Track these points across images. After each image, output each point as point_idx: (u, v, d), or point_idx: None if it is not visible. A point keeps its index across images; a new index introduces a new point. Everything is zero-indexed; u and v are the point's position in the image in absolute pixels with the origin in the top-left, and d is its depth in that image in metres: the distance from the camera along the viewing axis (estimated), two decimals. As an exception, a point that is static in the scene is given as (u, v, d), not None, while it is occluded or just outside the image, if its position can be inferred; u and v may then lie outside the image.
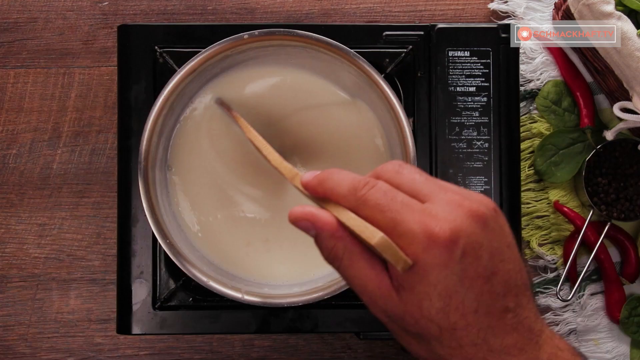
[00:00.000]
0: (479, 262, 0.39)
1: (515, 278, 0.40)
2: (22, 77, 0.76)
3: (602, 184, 0.74)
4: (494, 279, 0.39)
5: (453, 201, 0.39)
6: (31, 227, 0.76)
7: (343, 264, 0.41)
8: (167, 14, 0.77)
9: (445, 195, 0.40)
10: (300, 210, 0.42)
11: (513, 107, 0.68)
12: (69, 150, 0.76)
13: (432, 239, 0.38)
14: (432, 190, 0.40)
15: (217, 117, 0.66)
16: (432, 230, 0.38)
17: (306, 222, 0.41)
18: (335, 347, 0.75)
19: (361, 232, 0.39)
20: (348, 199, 0.40)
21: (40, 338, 0.75)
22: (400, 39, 0.67)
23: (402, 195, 0.39)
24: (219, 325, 0.65)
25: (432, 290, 0.38)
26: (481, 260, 0.39)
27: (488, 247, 0.39)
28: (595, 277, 0.76)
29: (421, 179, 0.41)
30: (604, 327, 0.76)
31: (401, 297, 0.40)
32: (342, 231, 0.41)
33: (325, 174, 0.42)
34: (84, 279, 0.75)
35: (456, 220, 0.38)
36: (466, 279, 0.38)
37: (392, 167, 0.42)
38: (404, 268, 0.39)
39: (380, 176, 0.41)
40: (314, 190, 0.42)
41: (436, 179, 0.42)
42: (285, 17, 0.77)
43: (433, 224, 0.38)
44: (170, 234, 0.62)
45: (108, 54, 0.76)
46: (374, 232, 0.38)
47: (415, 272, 0.38)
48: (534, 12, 0.77)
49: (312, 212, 0.41)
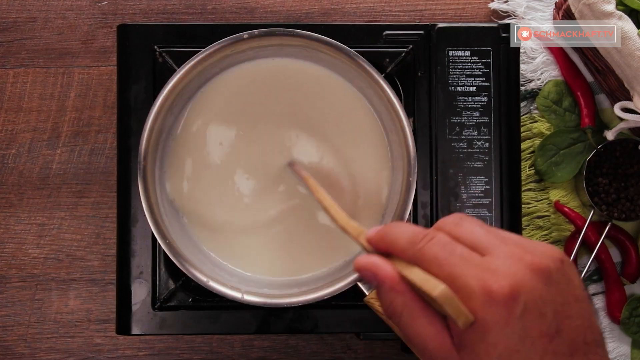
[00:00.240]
0: (542, 319, 0.37)
1: (583, 335, 0.38)
2: (21, 77, 0.76)
3: (602, 184, 0.74)
4: (558, 338, 0.37)
5: (514, 254, 0.38)
6: (30, 227, 0.76)
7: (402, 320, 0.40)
8: (167, 13, 0.77)
9: (506, 248, 0.38)
10: (365, 260, 0.41)
11: (513, 107, 0.68)
12: (69, 150, 0.76)
13: (490, 295, 0.36)
14: (493, 243, 0.39)
15: (218, 118, 0.66)
16: (491, 286, 0.36)
17: (369, 272, 0.41)
18: (335, 347, 0.75)
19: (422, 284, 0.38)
20: (407, 252, 0.40)
21: (40, 338, 0.75)
22: (401, 38, 0.67)
23: (461, 248, 0.38)
24: (219, 326, 0.65)
25: (492, 350, 0.37)
26: (544, 318, 0.37)
27: (552, 303, 0.37)
28: (596, 278, 0.76)
29: (481, 231, 0.40)
30: (604, 328, 0.75)
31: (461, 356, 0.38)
32: (403, 285, 0.40)
33: (387, 228, 0.42)
34: (84, 279, 0.75)
35: (516, 275, 0.37)
36: (528, 338, 0.36)
37: (452, 220, 0.41)
38: (465, 324, 0.37)
39: (441, 228, 0.40)
40: (377, 245, 0.42)
41: (498, 230, 0.41)
42: (285, 17, 0.77)
43: (492, 279, 0.36)
44: (170, 234, 0.62)
45: (107, 53, 0.76)
46: (436, 284, 0.37)
47: (475, 330, 0.37)
48: (535, 11, 0.77)
49: (375, 263, 0.41)
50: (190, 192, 0.66)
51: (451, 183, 0.67)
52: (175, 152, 0.66)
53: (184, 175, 0.66)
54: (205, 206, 0.66)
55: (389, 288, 0.40)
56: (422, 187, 0.66)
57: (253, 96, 0.66)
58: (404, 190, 0.62)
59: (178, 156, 0.66)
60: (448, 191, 0.67)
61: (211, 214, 0.66)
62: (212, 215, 0.66)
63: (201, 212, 0.66)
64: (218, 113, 0.66)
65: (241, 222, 0.66)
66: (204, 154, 0.66)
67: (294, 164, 0.65)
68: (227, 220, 0.66)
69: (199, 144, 0.66)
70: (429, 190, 0.67)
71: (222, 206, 0.66)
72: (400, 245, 0.40)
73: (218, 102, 0.66)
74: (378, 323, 0.63)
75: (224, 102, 0.66)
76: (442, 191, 0.67)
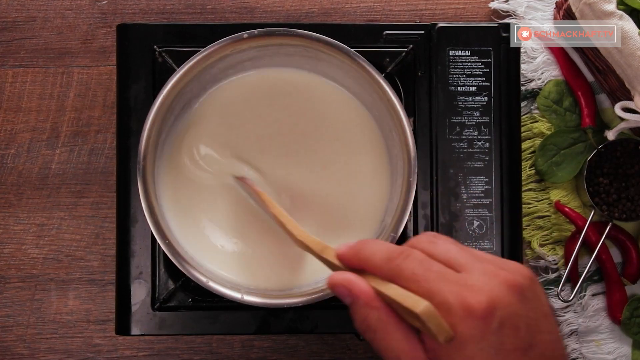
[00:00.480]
0: (517, 333, 0.38)
1: (552, 349, 0.39)
2: (20, 77, 0.76)
3: (603, 184, 0.74)
4: (531, 352, 0.38)
5: (489, 271, 0.39)
6: (30, 227, 0.75)
7: (377, 335, 0.40)
8: (167, 13, 0.76)
9: (480, 265, 0.39)
10: (339, 277, 0.42)
11: (514, 107, 0.68)
12: (68, 150, 0.76)
13: (468, 310, 0.37)
14: (467, 260, 0.40)
15: (220, 119, 0.66)
16: (469, 301, 0.37)
17: (343, 288, 0.41)
18: (335, 347, 0.75)
19: (403, 300, 0.38)
20: (383, 268, 0.40)
21: (39, 339, 0.75)
22: (401, 38, 0.67)
23: (438, 265, 0.39)
24: (219, 326, 0.65)
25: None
26: (519, 332, 0.38)
27: (525, 317, 0.38)
28: (596, 278, 0.76)
29: (455, 248, 0.41)
30: (605, 328, 0.75)
31: None
32: (377, 301, 0.40)
33: (360, 244, 0.42)
34: (83, 280, 0.75)
35: (492, 291, 0.38)
36: (503, 352, 0.38)
37: (426, 238, 0.42)
38: (446, 339, 0.38)
39: (415, 246, 0.41)
40: (349, 261, 0.43)
41: (470, 249, 0.42)
42: (285, 17, 0.77)
43: (469, 295, 0.37)
44: (170, 234, 0.62)
45: (107, 53, 0.76)
46: (418, 301, 0.38)
47: (452, 344, 0.38)
48: (535, 11, 0.77)
49: (350, 280, 0.41)
50: (185, 197, 0.66)
51: (451, 183, 0.66)
52: (174, 153, 0.66)
53: (180, 179, 0.66)
54: (199, 213, 0.66)
55: (364, 304, 0.40)
56: (422, 187, 0.66)
57: (249, 108, 0.66)
58: (404, 190, 0.62)
59: (177, 157, 0.66)
60: (448, 191, 0.66)
61: (204, 221, 0.66)
62: (205, 224, 0.66)
63: (194, 219, 0.66)
64: (214, 126, 0.66)
65: (239, 229, 0.66)
66: (201, 159, 0.66)
67: (244, 179, 0.64)
68: (224, 226, 0.66)
69: (198, 144, 0.66)
70: (429, 191, 0.66)
71: (215, 213, 0.66)
72: (376, 262, 0.40)
73: (214, 115, 0.66)
74: None
75: (220, 116, 0.66)
76: (443, 191, 0.66)
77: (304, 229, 0.54)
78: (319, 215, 0.66)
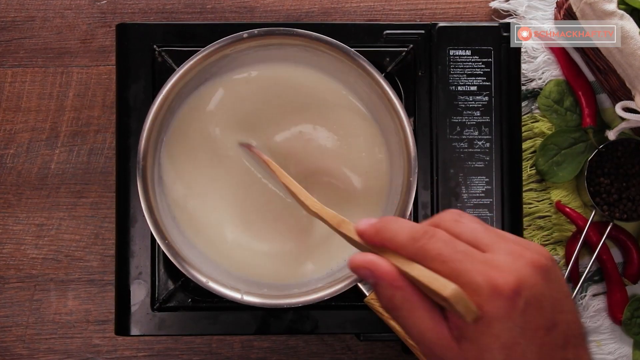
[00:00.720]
0: (542, 313, 0.39)
1: (573, 329, 0.40)
2: (19, 77, 0.76)
3: (604, 184, 0.74)
4: (554, 331, 0.39)
5: (514, 251, 0.39)
6: (29, 227, 0.75)
7: (402, 313, 0.41)
8: (166, 12, 0.76)
9: (506, 245, 0.40)
10: (360, 258, 0.41)
11: (514, 107, 0.68)
12: (67, 150, 0.76)
13: (496, 290, 0.37)
14: (493, 240, 0.40)
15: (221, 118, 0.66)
16: (496, 281, 0.37)
17: (366, 270, 0.41)
18: (335, 348, 0.75)
19: (430, 283, 0.38)
20: (407, 248, 0.40)
21: (38, 339, 0.75)
22: (401, 37, 0.67)
23: (464, 245, 0.39)
24: (218, 326, 0.65)
25: (494, 342, 0.38)
26: (543, 312, 0.39)
27: (549, 297, 0.39)
28: (597, 278, 0.76)
29: (481, 228, 0.41)
30: (606, 329, 0.75)
31: (461, 347, 0.39)
32: (401, 281, 0.40)
33: (382, 222, 0.42)
34: (82, 280, 0.75)
35: (519, 271, 0.38)
36: (528, 331, 0.38)
37: (450, 216, 0.42)
38: (473, 319, 0.38)
39: (439, 225, 0.41)
40: (371, 239, 0.42)
41: (495, 229, 0.42)
42: (285, 16, 0.77)
43: (497, 275, 0.38)
44: (169, 234, 0.62)
45: (106, 53, 0.76)
46: (446, 284, 0.38)
47: (479, 323, 0.38)
48: (536, 10, 0.77)
49: (373, 261, 0.41)
50: (188, 195, 0.66)
51: (452, 183, 0.66)
52: (174, 152, 0.66)
53: (183, 177, 0.66)
54: (202, 211, 0.66)
55: (388, 284, 0.40)
56: (422, 187, 0.66)
57: (252, 102, 0.66)
58: (404, 190, 0.62)
59: (177, 156, 0.66)
60: (449, 191, 0.66)
61: (208, 218, 0.66)
62: (210, 220, 0.66)
63: (198, 216, 0.66)
64: (218, 118, 0.66)
65: (239, 228, 0.66)
66: (202, 157, 0.66)
67: (251, 146, 0.64)
68: (224, 226, 0.66)
69: (198, 146, 0.66)
70: (430, 191, 0.66)
71: (219, 210, 0.66)
72: (400, 241, 0.40)
73: (217, 107, 0.66)
74: (378, 324, 0.63)
75: (223, 108, 0.66)
76: (443, 191, 0.66)
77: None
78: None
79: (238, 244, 0.66)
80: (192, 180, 0.66)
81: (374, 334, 0.67)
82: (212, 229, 0.66)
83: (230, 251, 0.65)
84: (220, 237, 0.66)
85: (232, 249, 0.66)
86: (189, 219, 0.65)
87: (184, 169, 0.65)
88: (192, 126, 0.66)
